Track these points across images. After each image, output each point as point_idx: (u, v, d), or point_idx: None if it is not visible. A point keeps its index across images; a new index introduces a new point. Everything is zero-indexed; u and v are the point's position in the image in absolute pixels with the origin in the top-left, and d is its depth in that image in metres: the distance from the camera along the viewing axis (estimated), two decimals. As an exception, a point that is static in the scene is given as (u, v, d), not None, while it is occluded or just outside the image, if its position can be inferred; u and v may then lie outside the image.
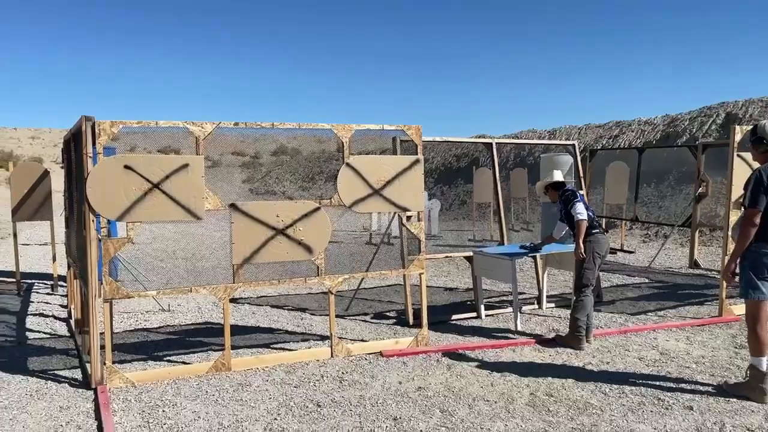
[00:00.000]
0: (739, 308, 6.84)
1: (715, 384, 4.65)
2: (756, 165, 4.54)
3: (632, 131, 17.88)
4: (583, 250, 5.54)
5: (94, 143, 4.64)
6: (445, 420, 4.07)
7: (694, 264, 10.05)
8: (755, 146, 4.49)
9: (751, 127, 4.64)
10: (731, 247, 6.59)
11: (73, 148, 5.49)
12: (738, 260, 4.45)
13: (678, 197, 14.26)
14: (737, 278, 4.49)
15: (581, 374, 4.94)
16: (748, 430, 3.88)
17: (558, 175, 5.99)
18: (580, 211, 5.54)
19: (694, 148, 10.58)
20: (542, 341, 5.80)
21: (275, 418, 4.12)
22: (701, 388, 4.60)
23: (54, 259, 8.62)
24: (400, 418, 4.11)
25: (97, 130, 4.62)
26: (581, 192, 6.07)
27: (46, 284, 8.89)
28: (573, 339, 5.60)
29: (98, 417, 4.14)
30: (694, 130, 15.85)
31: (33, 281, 9.14)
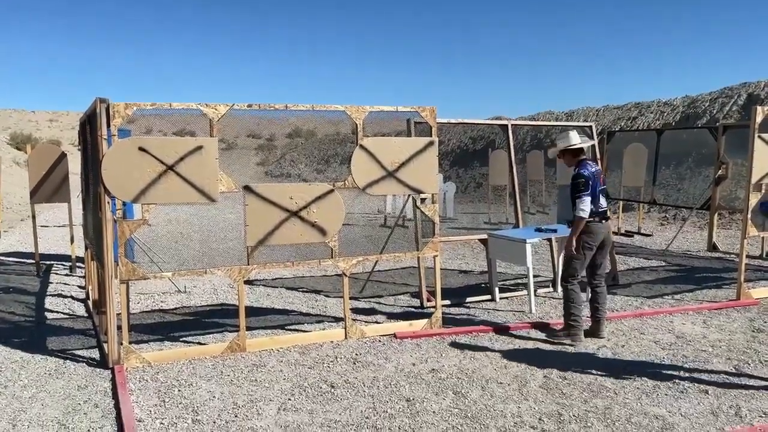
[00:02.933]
0: (757, 292, 6.77)
1: (731, 368, 4.61)
2: None
3: (651, 113, 17.61)
4: (574, 246, 5.20)
5: (108, 125, 4.66)
6: (458, 402, 4.08)
7: (712, 247, 9.93)
8: None
9: None
10: (751, 230, 6.50)
11: (89, 130, 5.53)
12: None
13: (697, 180, 14.06)
14: None
15: (595, 357, 4.92)
16: (764, 414, 3.84)
17: (575, 138, 5.37)
18: (583, 207, 5.11)
19: (714, 130, 10.39)
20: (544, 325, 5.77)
21: (289, 399, 4.16)
22: (717, 371, 4.56)
23: (72, 241, 8.72)
24: (413, 399, 4.12)
25: (111, 112, 4.63)
26: (596, 169, 5.32)
27: (64, 265, 9.01)
28: (568, 332, 5.29)
29: (115, 396, 4.20)
30: (715, 111, 15.58)
31: (52, 262, 9.27)
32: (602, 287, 5.41)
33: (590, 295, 5.44)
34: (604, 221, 5.30)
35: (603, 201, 5.31)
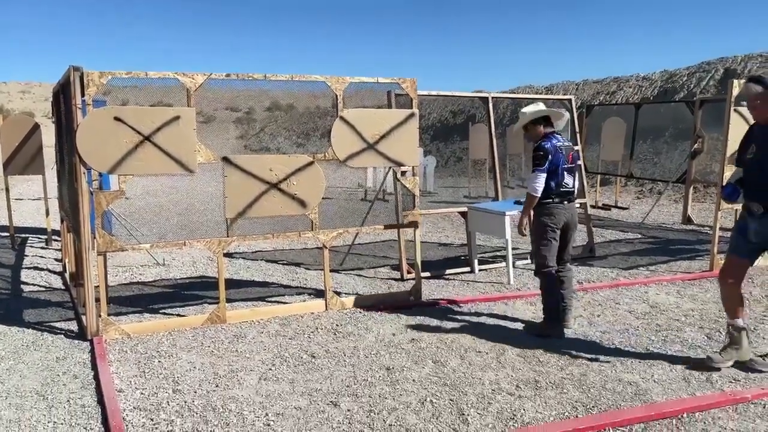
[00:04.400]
0: (730, 263, 6.90)
1: (703, 336, 4.73)
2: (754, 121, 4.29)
3: (630, 87, 17.71)
4: (525, 226, 4.77)
5: (83, 94, 4.57)
6: (437, 370, 4.14)
7: (687, 220, 10.11)
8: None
9: (747, 79, 4.31)
10: (724, 203, 6.60)
11: (62, 99, 5.41)
12: None
13: (673, 153, 14.23)
14: None
15: (572, 327, 5.00)
16: (734, 380, 3.96)
17: (535, 108, 4.82)
18: (535, 184, 4.63)
19: (691, 104, 10.50)
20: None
21: (270, 368, 4.18)
22: (689, 340, 4.68)
23: (47, 214, 8.60)
24: (392, 368, 4.17)
25: (85, 81, 4.54)
26: (563, 144, 4.77)
27: (40, 238, 8.89)
28: (547, 325, 4.83)
29: (94, 367, 4.19)
30: (692, 86, 15.71)
31: (27, 235, 9.14)
32: (567, 273, 4.93)
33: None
34: (566, 202, 4.76)
35: (569, 180, 4.77)
